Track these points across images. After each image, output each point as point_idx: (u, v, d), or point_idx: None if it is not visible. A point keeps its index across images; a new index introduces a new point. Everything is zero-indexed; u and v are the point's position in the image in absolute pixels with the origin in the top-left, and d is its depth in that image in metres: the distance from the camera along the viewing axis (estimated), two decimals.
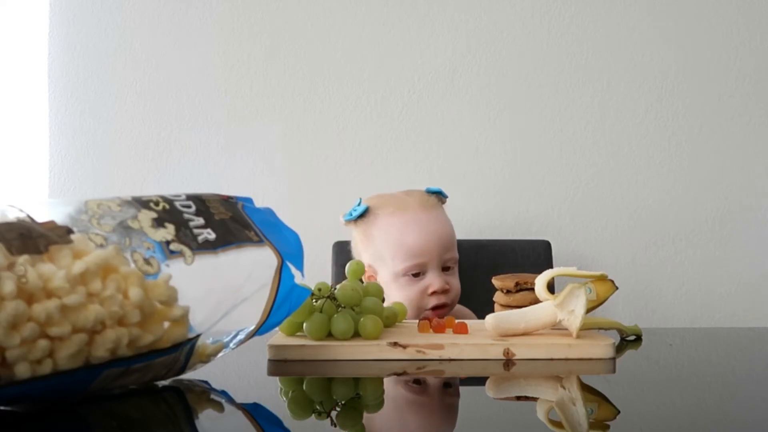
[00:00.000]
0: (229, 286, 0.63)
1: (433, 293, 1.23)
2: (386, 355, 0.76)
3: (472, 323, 0.87)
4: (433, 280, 1.23)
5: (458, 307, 1.29)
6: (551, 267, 1.40)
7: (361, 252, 1.31)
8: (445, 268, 1.26)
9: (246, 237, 0.65)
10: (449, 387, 0.69)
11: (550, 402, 0.62)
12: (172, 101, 1.62)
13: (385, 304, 0.94)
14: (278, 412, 0.59)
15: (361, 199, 1.30)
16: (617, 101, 1.61)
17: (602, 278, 0.87)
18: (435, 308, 1.24)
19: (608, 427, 0.53)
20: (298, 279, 0.69)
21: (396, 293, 1.25)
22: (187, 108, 1.62)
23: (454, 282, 1.27)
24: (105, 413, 0.56)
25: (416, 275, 1.24)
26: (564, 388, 0.66)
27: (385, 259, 1.26)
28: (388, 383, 0.68)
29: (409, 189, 1.33)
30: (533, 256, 1.44)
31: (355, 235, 1.33)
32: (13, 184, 1.63)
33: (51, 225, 0.56)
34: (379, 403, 0.62)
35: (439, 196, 1.31)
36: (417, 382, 0.69)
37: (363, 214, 1.28)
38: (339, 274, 1.42)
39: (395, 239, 1.25)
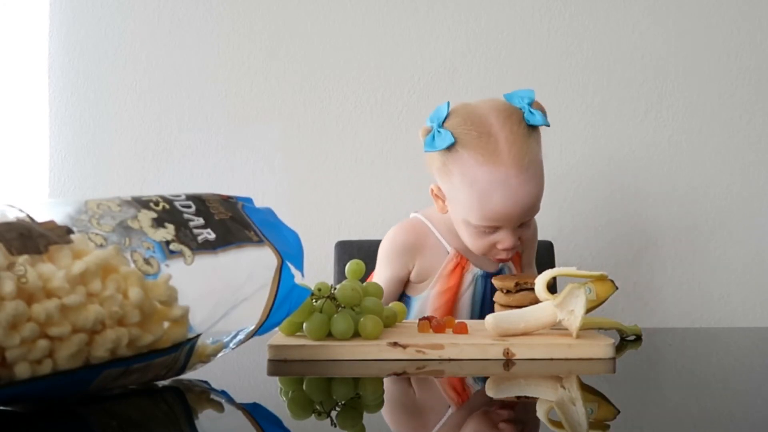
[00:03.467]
0: (229, 286, 0.63)
1: (502, 249, 1.14)
2: (386, 355, 0.76)
3: (472, 323, 0.87)
4: (505, 238, 1.13)
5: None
6: (551, 267, 1.41)
7: (435, 176, 1.18)
8: (522, 224, 1.15)
9: (246, 237, 0.65)
10: (449, 387, 0.69)
11: (550, 402, 0.62)
12: (172, 101, 1.62)
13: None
14: (278, 412, 0.59)
15: (449, 104, 1.15)
16: (617, 101, 1.61)
17: (602, 278, 0.87)
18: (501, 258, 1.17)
19: (608, 427, 0.53)
20: (298, 279, 0.69)
21: (464, 234, 1.16)
22: (187, 108, 1.62)
23: (527, 232, 1.18)
24: (105, 413, 0.56)
25: (489, 229, 1.13)
26: (564, 388, 0.66)
27: (462, 205, 1.13)
28: (388, 383, 0.68)
29: (505, 108, 1.13)
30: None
31: (432, 156, 1.16)
32: (13, 184, 1.63)
33: (51, 225, 0.56)
34: (379, 403, 0.62)
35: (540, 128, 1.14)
36: (414, 382, 0.69)
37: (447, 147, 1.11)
38: (339, 274, 1.42)
39: (476, 194, 1.10)
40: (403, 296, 1.25)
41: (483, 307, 1.22)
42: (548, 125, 1.13)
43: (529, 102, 1.13)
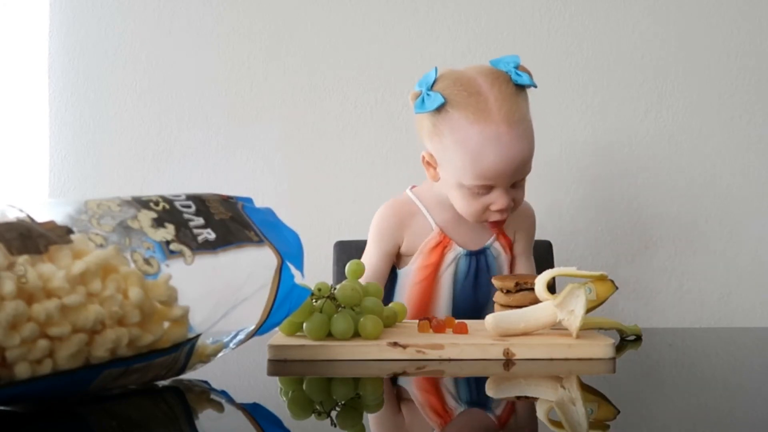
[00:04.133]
0: (229, 286, 0.63)
1: (496, 210, 1.16)
2: (386, 355, 0.76)
3: (472, 323, 0.87)
4: (498, 198, 1.15)
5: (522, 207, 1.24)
6: (551, 267, 1.41)
7: (425, 138, 1.19)
8: (514, 184, 1.17)
9: (246, 237, 0.65)
10: (449, 387, 0.69)
11: (550, 402, 0.62)
12: (172, 101, 1.62)
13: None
14: (278, 412, 0.59)
15: (436, 69, 1.16)
16: (617, 101, 1.61)
17: (602, 278, 0.87)
18: (495, 221, 1.19)
19: (608, 427, 0.53)
20: (298, 279, 0.69)
21: (456, 199, 1.18)
22: (187, 108, 1.62)
23: (519, 195, 1.19)
24: (105, 413, 0.56)
25: (482, 189, 1.15)
26: (564, 388, 0.66)
27: (453, 165, 1.15)
28: (388, 383, 0.68)
29: (492, 71, 1.15)
30: (533, 255, 1.44)
31: (422, 119, 1.18)
32: (13, 184, 1.63)
33: (51, 225, 0.56)
34: (379, 403, 0.62)
35: (528, 88, 1.16)
36: (414, 382, 0.69)
37: (437, 108, 1.13)
38: (339, 274, 1.42)
39: (469, 154, 1.11)
40: (392, 270, 1.28)
41: (464, 286, 1.23)
42: (535, 86, 1.15)
43: (515, 65, 1.15)
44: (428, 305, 1.24)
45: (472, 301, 1.25)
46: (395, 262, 1.28)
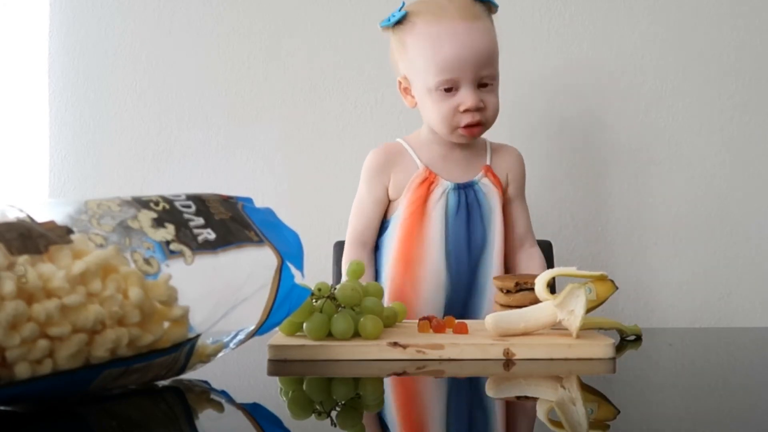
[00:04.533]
0: (229, 286, 0.63)
1: (466, 111, 1.20)
2: (386, 355, 0.76)
3: (472, 323, 0.87)
4: (465, 97, 1.19)
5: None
6: (551, 267, 1.41)
7: (397, 61, 1.28)
8: (482, 85, 1.21)
9: (246, 237, 0.65)
10: (449, 387, 0.69)
11: (550, 402, 0.62)
12: (172, 101, 1.62)
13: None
14: (278, 412, 0.59)
15: (404, 2, 1.25)
16: (617, 101, 1.61)
17: (602, 278, 0.87)
18: (468, 126, 1.22)
19: (608, 427, 0.53)
20: (298, 279, 0.69)
21: (429, 109, 1.23)
22: (187, 108, 1.62)
23: (491, 100, 1.22)
24: (105, 413, 0.56)
25: (449, 90, 1.20)
26: (564, 388, 0.66)
27: (419, 71, 1.22)
28: (388, 383, 0.68)
29: None
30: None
31: (391, 43, 1.29)
32: (13, 184, 1.63)
33: (51, 225, 0.56)
34: (379, 403, 0.62)
35: (489, 4, 1.24)
36: (414, 382, 0.69)
37: (400, 20, 1.23)
38: (339, 274, 1.42)
39: (428, 50, 1.19)
40: (383, 223, 1.31)
41: (456, 222, 1.25)
42: (496, 5, 1.25)
43: None
44: (419, 242, 1.25)
45: (466, 243, 1.25)
46: (387, 212, 1.31)
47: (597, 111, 1.62)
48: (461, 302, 1.26)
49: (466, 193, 1.26)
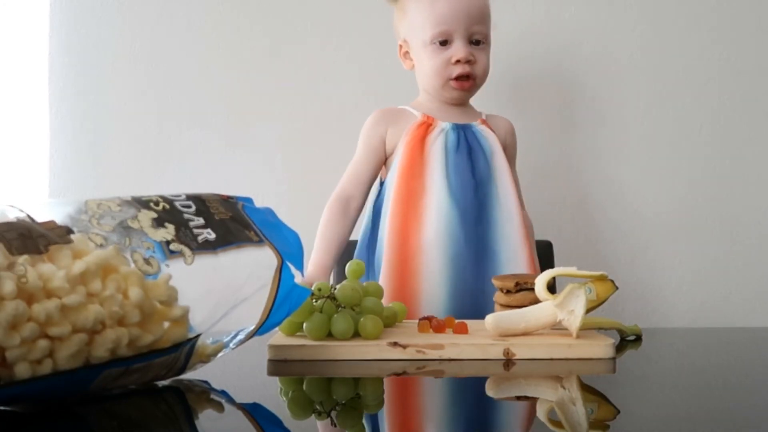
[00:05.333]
0: (229, 286, 0.63)
1: (457, 62, 1.29)
2: (386, 355, 0.76)
3: (472, 323, 0.87)
4: (457, 50, 1.29)
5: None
6: (551, 267, 1.41)
7: (398, 26, 1.39)
8: (474, 42, 1.32)
9: (246, 237, 0.65)
10: (449, 387, 0.69)
11: (550, 402, 0.62)
12: (172, 101, 1.62)
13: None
14: (278, 412, 0.58)
15: None
16: (617, 101, 1.61)
17: (602, 278, 0.87)
18: (459, 78, 1.30)
19: (608, 427, 0.53)
20: (298, 279, 0.69)
21: (424, 65, 1.33)
22: (187, 108, 1.62)
23: (481, 57, 1.32)
24: (105, 413, 0.56)
25: (443, 44, 1.30)
26: (564, 388, 0.66)
27: (416, 29, 1.32)
28: (388, 383, 0.68)
29: None
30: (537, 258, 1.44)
31: (395, 14, 1.40)
32: (13, 184, 1.63)
33: (51, 225, 0.56)
34: (379, 403, 0.62)
35: None
36: (414, 382, 0.69)
37: None
38: (339, 274, 1.42)
39: (426, 8, 1.30)
40: (380, 192, 1.34)
41: (458, 159, 1.28)
42: None
43: None
44: (420, 176, 1.26)
45: (470, 175, 1.27)
46: (382, 174, 1.35)
47: (597, 111, 1.62)
48: (474, 235, 1.24)
49: (465, 133, 1.31)
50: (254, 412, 0.58)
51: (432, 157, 1.27)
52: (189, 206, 0.65)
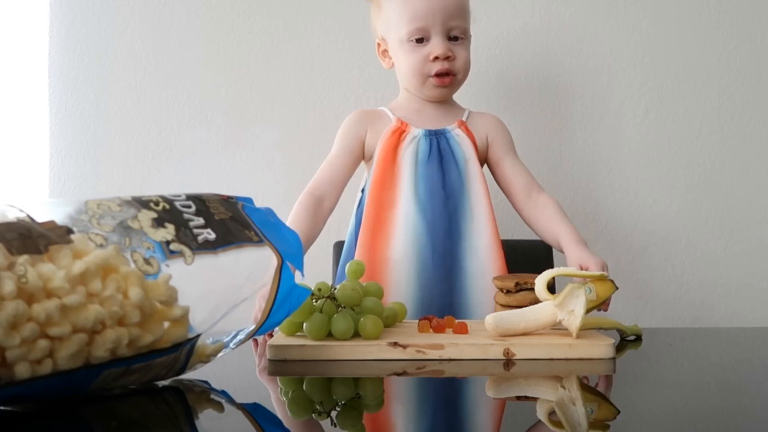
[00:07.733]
0: (229, 286, 0.63)
1: (435, 59, 1.26)
2: (386, 355, 0.76)
3: (472, 323, 0.87)
4: (435, 46, 1.25)
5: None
6: (551, 267, 1.41)
7: (375, 24, 1.36)
8: (453, 38, 1.27)
9: (246, 237, 0.65)
10: (449, 387, 0.69)
11: (550, 402, 0.62)
12: (172, 101, 1.62)
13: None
14: (278, 412, 0.59)
15: None
16: (617, 101, 1.61)
17: (602, 278, 0.87)
18: (438, 75, 1.27)
19: (608, 427, 0.53)
20: (298, 279, 0.69)
21: (402, 63, 1.30)
22: (187, 108, 1.62)
23: (461, 52, 1.28)
24: (105, 413, 0.56)
25: (420, 41, 1.26)
26: (564, 388, 0.66)
27: (392, 25, 1.29)
28: (388, 383, 0.68)
29: None
30: (533, 256, 1.44)
31: (372, 9, 1.37)
32: (13, 184, 1.63)
33: (51, 225, 0.56)
34: (379, 403, 0.62)
35: None
36: (414, 382, 0.69)
37: None
38: (339, 274, 1.42)
39: (400, 2, 1.27)
40: (360, 201, 1.33)
41: (428, 168, 1.26)
42: None
43: None
44: (390, 187, 1.26)
45: (440, 187, 1.25)
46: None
47: (597, 111, 1.62)
48: (442, 248, 1.23)
49: (438, 140, 1.28)
50: (254, 412, 0.58)
51: (402, 167, 1.26)
52: (189, 206, 0.65)
